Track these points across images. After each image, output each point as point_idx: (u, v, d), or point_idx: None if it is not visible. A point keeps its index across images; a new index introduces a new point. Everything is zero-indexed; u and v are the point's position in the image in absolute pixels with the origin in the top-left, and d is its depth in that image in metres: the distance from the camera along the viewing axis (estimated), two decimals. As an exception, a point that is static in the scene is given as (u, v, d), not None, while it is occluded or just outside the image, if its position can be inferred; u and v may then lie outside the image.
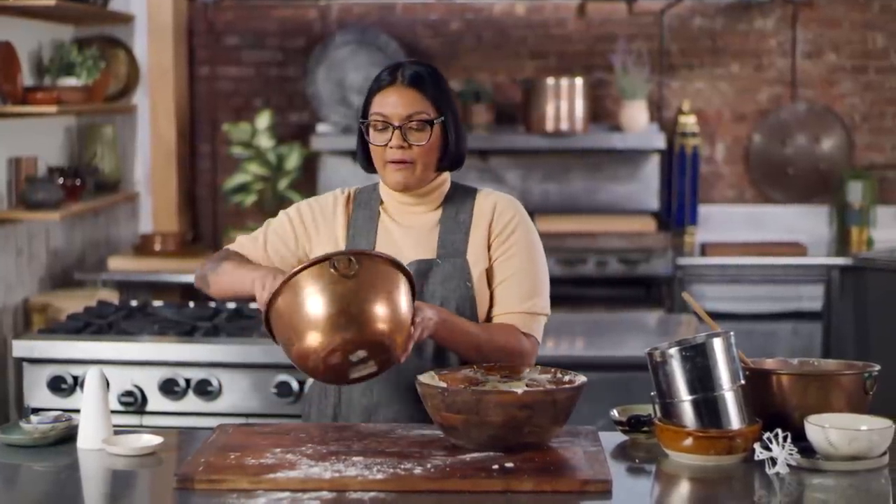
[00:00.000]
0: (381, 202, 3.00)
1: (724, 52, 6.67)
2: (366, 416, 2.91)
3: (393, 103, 2.87)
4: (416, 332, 2.67)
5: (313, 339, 2.59)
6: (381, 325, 2.61)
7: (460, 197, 3.00)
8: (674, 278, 6.11)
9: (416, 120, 2.87)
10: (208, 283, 3.00)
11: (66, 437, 2.75)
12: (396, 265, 2.67)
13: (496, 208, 2.96)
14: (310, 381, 3.87)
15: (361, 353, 2.62)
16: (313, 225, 2.99)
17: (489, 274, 2.93)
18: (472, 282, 2.90)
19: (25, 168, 5.15)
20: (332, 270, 2.59)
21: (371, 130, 2.89)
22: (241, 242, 3.08)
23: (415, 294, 2.70)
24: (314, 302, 2.59)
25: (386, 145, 2.87)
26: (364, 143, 2.95)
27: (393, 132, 2.86)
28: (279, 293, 2.62)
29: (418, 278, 2.85)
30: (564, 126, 6.28)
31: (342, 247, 2.96)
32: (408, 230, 2.96)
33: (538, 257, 2.97)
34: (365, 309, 2.60)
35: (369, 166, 2.98)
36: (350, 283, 2.60)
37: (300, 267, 2.61)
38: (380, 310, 2.61)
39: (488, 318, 2.93)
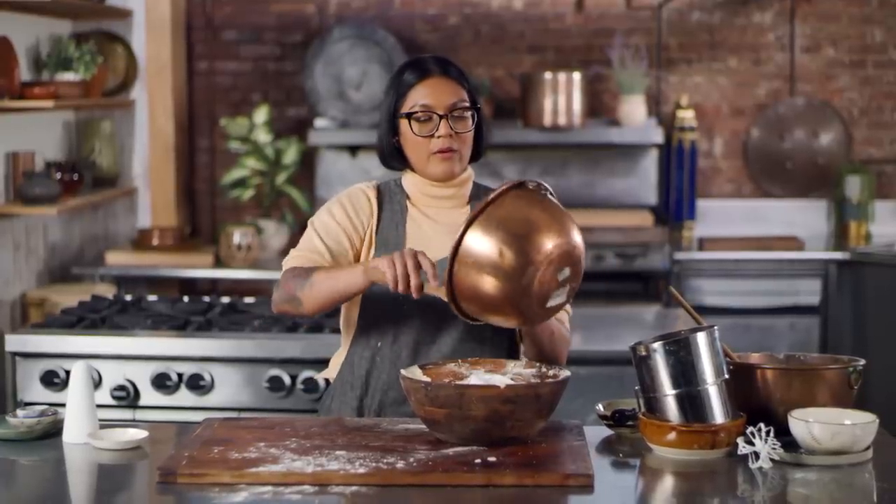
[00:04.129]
0: (408, 196, 2.99)
1: (722, 46, 6.67)
2: (394, 410, 2.92)
3: (436, 93, 2.88)
4: None
5: (529, 253, 2.60)
6: (580, 240, 2.68)
7: (485, 195, 3.00)
8: (671, 273, 6.11)
9: (460, 108, 2.89)
10: (300, 302, 2.81)
11: (53, 432, 2.76)
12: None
13: None
14: (304, 376, 3.89)
15: (567, 272, 2.66)
16: (358, 220, 2.93)
17: None
18: None
19: (23, 163, 5.16)
20: (529, 189, 2.66)
21: (413, 123, 2.88)
22: (300, 256, 2.91)
23: None
24: (524, 219, 2.62)
25: (432, 136, 2.88)
26: (390, 140, 2.94)
27: (439, 122, 2.87)
28: (465, 232, 2.62)
29: None
30: (562, 120, 6.28)
31: (374, 239, 2.94)
32: (438, 224, 2.95)
33: None
34: (566, 223, 2.66)
35: (399, 162, 2.97)
36: (545, 202, 2.67)
37: (492, 196, 2.64)
38: (573, 227, 2.68)
39: None
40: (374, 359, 2.92)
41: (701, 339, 2.60)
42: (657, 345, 2.60)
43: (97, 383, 3.92)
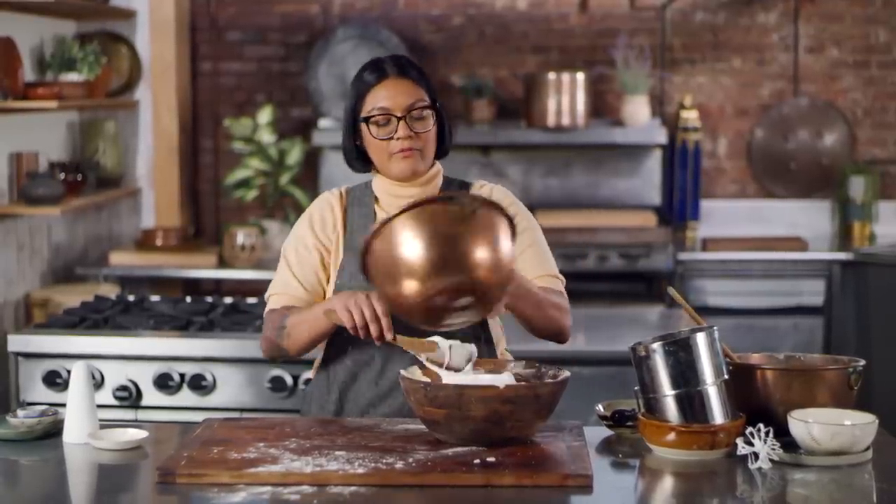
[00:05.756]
0: (377, 200, 3.00)
1: (725, 46, 6.66)
2: (370, 408, 2.93)
3: (392, 95, 2.88)
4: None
5: (423, 279, 2.52)
6: (492, 273, 2.55)
7: (454, 190, 3.01)
8: (674, 273, 6.11)
9: (418, 108, 2.89)
10: (284, 349, 2.90)
11: (53, 432, 2.77)
12: (503, 212, 2.61)
13: (492, 196, 2.97)
14: (305, 376, 3.89)
15: (466, 300, 2.57)
16: (325, 235, 2.96)
17: None
18: None
19: (27, 163, 5.17)
20: (448, 209, 2.53)
21: (372, 127, 2.89)
22: (276, 295, 2.97)
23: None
24: (428, 240, 2.52)
25: (391, 138, 2.88)
26: (354, 144, 2.95)
27: (398, 123, 2.87)
28: (378, 233, 2.55)
29: None
30: (566, 121, 6.27)
31: (342, 246, 2.95)
32: None
33: (543, 238, 3.01)
34: (479, 253, 2.54)
35: (364, 165, 2.98)
36: (464, 226, 2.54)
37: (410, 204, 2.55)
38: (493, 256, 2.55)
39: None
40: (350, 362, 2.93)
41: (700, 339, 2.60)
42: (657, 345, 2.60)
43: (99, 383, 3.93)
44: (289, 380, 3.91)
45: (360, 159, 2.98)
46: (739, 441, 2.54)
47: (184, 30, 6.47)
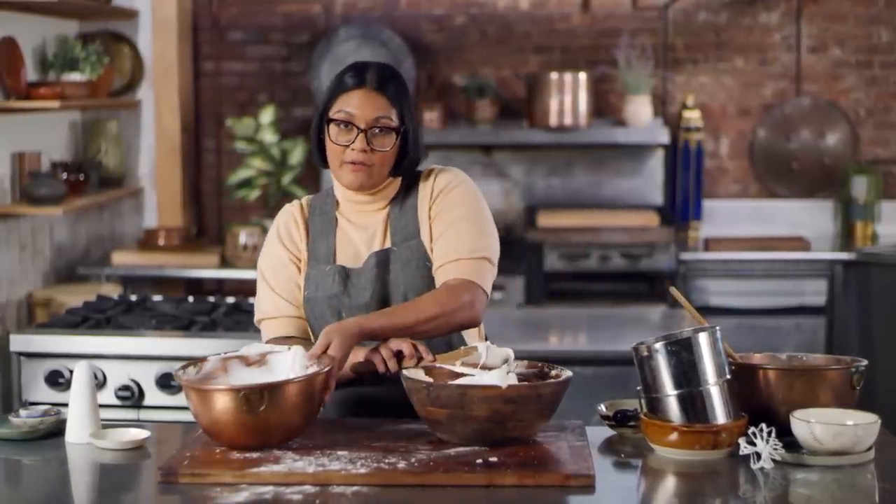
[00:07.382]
0: (337, 205, 2.98)
1: (728, 46, 6.66)
2: (336, 411, 2.92)
3: (360, 105, 2.84)
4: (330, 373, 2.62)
5: (211, 430, 2.56)
6: (276, 440, 2.58)
7: (406, 184, 2.98)
8: (677, 273, 6.11)
9: (381, 125, 2.85)
10: None
11: (55, 431, 2.77)
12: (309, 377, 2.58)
13: (436, 178, 2.95)
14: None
15: None
16: (293, 247, 2.96)
17: (431, 235, 2.91)
18: (431, 260, 2.89)
19: (29, 163, 5.17)
20: (242, 402, 2.50)
21: (333, 128, 2.85)
22: (268, 320, 2.95)
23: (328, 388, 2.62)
24: (221, 413, 2.51)
25: (348, 146, 2.84)
26: (320, 139, 2.92)
27: (357, 134, 2.83)
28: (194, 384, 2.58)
29: (378, 269, 2.86)
30: (568, 121, 6.28)
31: (306, 256, 2.94)
32: (362, 228, 2.94)
33: (481, 210, 2.93)
34: (265, 435, 2.55)
35: (324, 162, 2.94)
36: (257, 416, 2.51)
37: (214, 387, 2.56)
38: (281, 430, 2.56)
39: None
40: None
41: (703, 339, 2.60)
42: (659, 345, 2.60)
43: (101, 383, 3.93)
44: (291, 380, 3.90)
45: (321, 155, 2.94)
46: (742, 441, 2.54)
47: (186, 30, 6.47)
